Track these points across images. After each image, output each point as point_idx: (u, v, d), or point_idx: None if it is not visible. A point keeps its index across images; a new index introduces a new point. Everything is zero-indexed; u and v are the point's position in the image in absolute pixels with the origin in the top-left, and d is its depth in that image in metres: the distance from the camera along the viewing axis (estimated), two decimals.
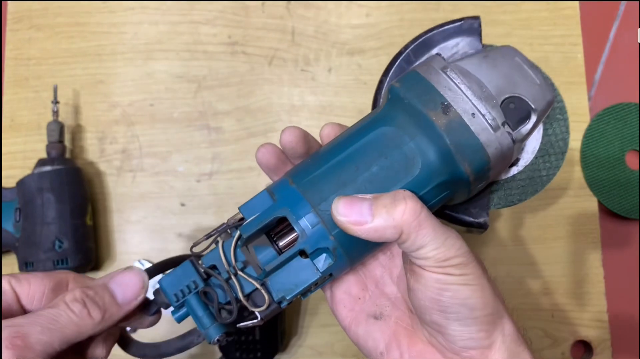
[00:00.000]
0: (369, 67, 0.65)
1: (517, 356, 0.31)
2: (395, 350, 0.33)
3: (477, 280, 0.30)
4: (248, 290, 0.32)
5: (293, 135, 0.34)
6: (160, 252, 0.63)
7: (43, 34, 0.67)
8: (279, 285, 0.32)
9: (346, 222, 0.29)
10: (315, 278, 0.32)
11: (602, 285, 0.61)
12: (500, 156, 0.31)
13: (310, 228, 0.31)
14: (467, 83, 0.32)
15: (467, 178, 0.31)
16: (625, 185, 0.62)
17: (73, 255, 0.57)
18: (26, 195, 0.58)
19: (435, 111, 0.31)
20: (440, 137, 0.31)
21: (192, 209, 0.64)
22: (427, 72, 0.32)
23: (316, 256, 0.31)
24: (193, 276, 0.32)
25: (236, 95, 0.65)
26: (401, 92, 0.32)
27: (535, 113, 0.33)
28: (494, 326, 0.30)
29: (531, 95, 0.33)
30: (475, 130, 0.30)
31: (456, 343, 0.30)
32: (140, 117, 0.65)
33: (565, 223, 0.62)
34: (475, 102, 0.31)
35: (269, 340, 0.57)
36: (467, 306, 0.29)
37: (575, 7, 0.66)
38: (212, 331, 0.32)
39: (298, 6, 0.66)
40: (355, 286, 0.36)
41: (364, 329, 0.35)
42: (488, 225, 0.38)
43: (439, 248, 0.29)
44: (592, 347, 0.60)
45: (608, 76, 0.66)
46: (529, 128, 0.33)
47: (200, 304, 0.32)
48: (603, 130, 0.63)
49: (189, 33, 0.66)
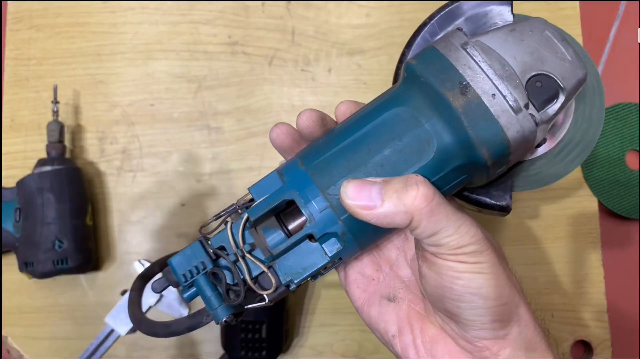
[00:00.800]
0: (369, 67, 0.65)
1: (533, 347, 0.30)
2: (408, 334, 0.32)
3: (491, 268, 0.28)
4: (256, 273, 0.32)
5: (310, 119, 0.33)
6: (160, 252, 0.63)
7: (43, 34, 0.67)
8: (286, 269, 0.31)
9: (355, 206, 0.28)
10: (323, 262, 0.31)
11: (602, 284, 0.61)
12: (521, 140, 0.29)
13: (318, 212, 0.30)
14: (488, 61, 0.29)
15: (485, 163, 0.30)
16: (625, 185, 0.62)
17: (73, 255, 0.57)
18: (26, 195, 0.58)
19: (452, 91, 0.29)
20: (457, 119, 0.29)
21: (192, 209, 0.64)
22: (446, 49, 0.30)
23: (325, 240, 0.31)
24: (202, 257, 0.32)
25: (236, 95, 0.65)
26: (417, 70, 0.30)
27: (563, 92, 0.31)
28: (509, 316, 0.30)
29: (560, 72, 0.31)
30: (495, 112, 0.28)
31: (469, 332, 0.30)
32: (140, 117, 0.65)
33: (565, 223, 0.62)
34: (496, 82, 0.29)
35: (275, 339, 0.56)
36: (480, 295, 0.28)
37: (575, 7, 0.66)
38: (220, 312, 0.31)
39: (298, 6, 0.66)
40: (369, 266, 0.36)
41: (376, 311, 0.34)
42: (510, 208, 0.36)
43: (452, 236, 0.28)
44: (592, 347, 0.60)
45: (608, 76, 0.66)
46: (557, 109, 0.31)
47: (208, 284, 0.32)
48: (603, 130, 0.63)
49: (189, 33, 0.66)
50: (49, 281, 0.62)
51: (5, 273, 0.63)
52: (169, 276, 0.33)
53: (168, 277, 0.33)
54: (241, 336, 0.56)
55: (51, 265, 0.56)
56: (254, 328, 0.55)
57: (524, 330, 0.30)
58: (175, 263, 0.32)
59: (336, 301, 0.62)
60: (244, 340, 0.55)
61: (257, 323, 0.55)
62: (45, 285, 0.62)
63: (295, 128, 0.34)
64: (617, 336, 0.61)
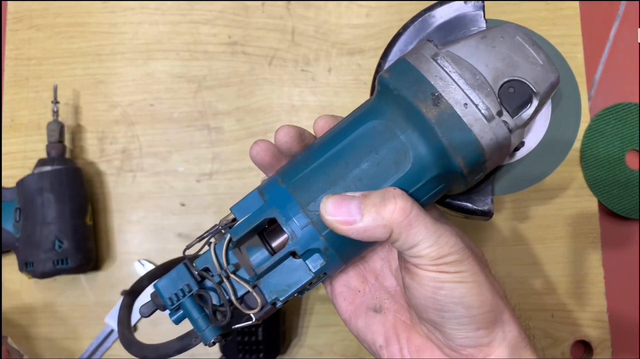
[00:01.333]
0: (369, 67, 0.65)
1: (518, 352, 0.30)
2: (395, 344, 0.33)
3: (473, 276, 0.29)
4: (241, 292, 0.32)
5: (288, 135, 0.33)
6: (160, 252, 0.63)
7: (43, 34, 0.67)
8: (272, 286, 0.31)
9: (335, 222, 0.28)
10: (308, 278, 0.31)
11: (602, 284, 0.61)
12: (496, 147, 0.30)
13: (300, 229, 0.30)
14: (459, 71, 0.30)
15: (461, 172, 0.30)
16: (625, 185, 0.62)
17: (73, 255, 0.57)
18: (26, 195, 0.58)
19: (425, 102, 0.29)
20: (431, 129, 0.29)
21: (192, 209, 0.64)
22: (417, 61, 0.30)
23: (308, 256, 0.31)
24: (187, 280, 0.32)
25: (236, 95, 0.65)
26: (390, 83, 0.31)
27: (537, 97, 0.31)
28: (493, 324, 0.30)
29: (532, 77, 0.31)
30: (468, 122, 0.29)
31: (454, 341, 0.30)
32: (140, 117, 0.65)
33: (565, 223, 0.62)
34: (467, 91, 0.29)
35: (271, 341, 0.56)
36: (463, 304, 0.29)
37: (575, 7, 0.66)
38: (208, 333, 0.32)
39: (298, 6, 0.66)
40: (354, 278, 0.36)
41: (363, 323, 0.34)
42: (492, 213, 0.36)
43: (432, 246, 0.28)
44: (592, 347, 0.60)
45: (608, 76, 0.66)
46: (531, 113, 0.31)
47: (195, 307, 0.32)
48: (603, 130, 0.63)
49: (189, 33, 0.66)
50: (49, 281, 0.62)
51: (5, 273, 0.63)
52: (156, 300, 0.33)
53: (155, 301, 0.33)
54: (238, 338, 0.56)
55: (51, 265, 0.56)
56: (250, 330, 0.55)
57: (509, 336, 0.30)
58: (162, 286, 0.32)
59: None
60: (241, 343, 0.56)
61: (252, 326, 0.55)
62: (45, 284, 0.62)
63: (274, 145, 0.35)
64: (617, 336, 0.61)
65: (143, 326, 0.62)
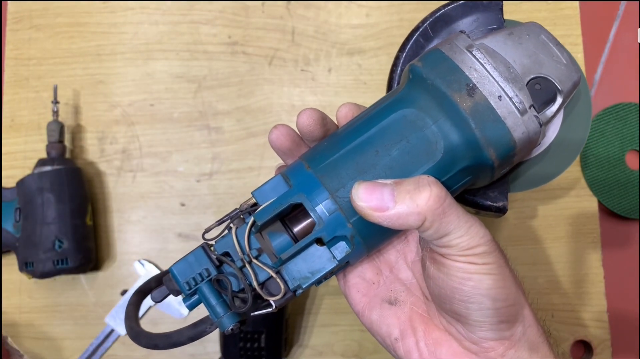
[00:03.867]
0: (369, 67, 0.65)
1: (536, 348, 0.30)
2: (411, 337, 0.32)
3: (499, 269, 0.29)
4: (262, 278, 0.31)
5: (311, 118, 0.33)
6: (160, 252, 0.63)
7: (43, 34, 0.67)
8: (294, 273, 0.31)
9: (367, 208, 0.28)
10: (331, 266, 0.30)
11: (602, 284, 0.61)
12: (527, 140, 0.30)
13: (327, 215, 0.30)
14: (493, 63, 0.30)
15: (491, 164, 0.30)
16: (625, 185, 0.62)
17: (73, 255, 0.57)
18: (26, 195, 0.58)
19: (459, 93, 0.29)
20: (464, 120, 0.29)
21: (192, 209, 0.64)
22: (451, 51, 0.30)
23: (333, 244, 0.30)
24: (205, 264, 0.31)
25: (236, 95, 0.65)
26: (423, 72, 0.30)
27: (561, 95, 0.32)
28: (515, 317, 0.30)
29: (557, 75, 0.31)
30: (502, 114, 0.29)
31: (476, 333, 0.30)
32: (140, 117, 0.65)
33: (565, 223, 0.62)
34: (502, 84, 0.29)
35: (274, 348, 0.56)
36: (489, 296, 0.28)
37: (575, 7, 0.66)
38: (225, 320, 0.30)
39: (298, 6, 0.66)
40: (369, 270, 0.35)
41: (377, 315, 0.33)
42: (507, 209, 0.36)
43: (463, 236, 0.28)
44: (592, 347, 0.60)
45: (608, 76, 0.66)
46: (555, 110, 0.32)
47: (213, 292, 0.31)
48: (603, 130, 0.63)
49: (189, 33, 0.66)
50: (49, 281, 0.62)
51: (5, 273, 0.63)
52: (169, 284, 0.32)
53: (169, 285, 0.32)
54: (240, 344, 0.55)
55: (51, 265, 0.56)
56: (252, 337, 0.55)
57: (528, 331, 0.30)
58: (177, 270, 0.31)
59: (336, 301, 0.62)
60: (243, 349, 0.55)
61: (255, 333, 0.55)
62: (45, 284, 0.62)
63: (294, 130, 0.34)
64: (617, 336, 0.61)
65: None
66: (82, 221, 0.59)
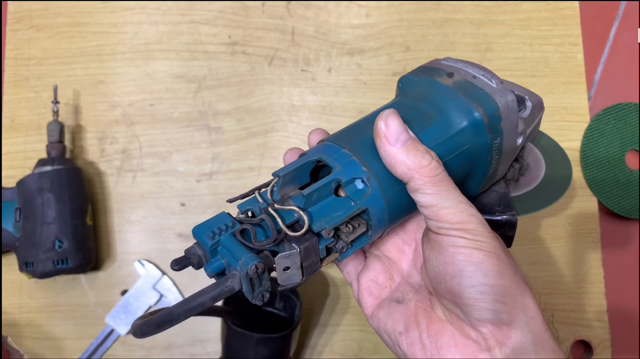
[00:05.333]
0: (369, 67, 0.65)
1: (541, 343, 0.30)
2: (414, 330, 0.33)
3: (492, 248, 0.30)
4: (288, 222, 0.31)
5: (296, 155, 0.36)
6: (160, 252, 0.63)
7: (43, 34, 0.67)
8: (317, 217, 0.31)
9: (382, 132, 0.31)
10: (353, 209, 0.31)
11: (602, 284, 0.61)
12: (506, 106, 0.33)
13: (343, 162, 0.32)
14: (462, 63, 0.36)
15: (481, 121, 0.33)
16: (625, 185, 0.62)
17: (73, 255, 0.57)
18: (26, 195, 0.58)
19: (441, 77, 0.35)
20: (450, 92, 0.34)
21: (192, 209, 0.64)
22: (428, 64, 0.37)
23: (351, 189, 0.32)
24: (227, 220, 0.31)
25: (236, 95, 0.65)
26: (410, 76, 0.36)
27: (528, 101, 0.36)
28: (512, 301, 0.30)
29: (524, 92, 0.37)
30: (479, 85, 0.34)
31: (472, 314, 0.30)
32: (140, 117, 0.65)
33: (565, 223, 0.62)
34: (473, 71, 0.35)
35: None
36: (481, 270, 0.29)
37: (575, 7, 0.66)
38: (248, 259, 0.28)
39: (298, 6, 0.66)
40: (382, 274, 0.37)
41: (385, 312, 0.35)
42: (517, 219, 0.39)
43: (450, 209, 0.30)
44: (592, 347, 0.60)
45: (608, 76, 0.66)
46: (528, 113, 0.36)
47: (235, 242, 0.29)
48: (603, 130, 0.63)
49: (189, 33, 0.66)
50: (49, 281, 0.62)
51: (5, 273, 0.63)
52: (191, 250, 0.30)
53: (190, 251, 0.30)
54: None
55: (51, 265, 0.56)
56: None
57: (531, 322, 0.30)
58: (198, 229, 0.31)
59: (336, 301, 0.62)
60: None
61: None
62: (45, 284, 0.62)
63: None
64: (617, 336, 0.61)
65: None
66: (82, 221, 0.59)
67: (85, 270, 0.60)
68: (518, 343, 0.29)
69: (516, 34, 0.66)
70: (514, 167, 0.40)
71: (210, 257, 0.30)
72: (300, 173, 0.33)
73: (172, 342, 0.62)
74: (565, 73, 0.65)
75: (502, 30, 0.66)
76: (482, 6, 0.66)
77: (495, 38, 0.66)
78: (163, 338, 0.62)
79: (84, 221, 0.60)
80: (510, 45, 0.66)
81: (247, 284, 0.29)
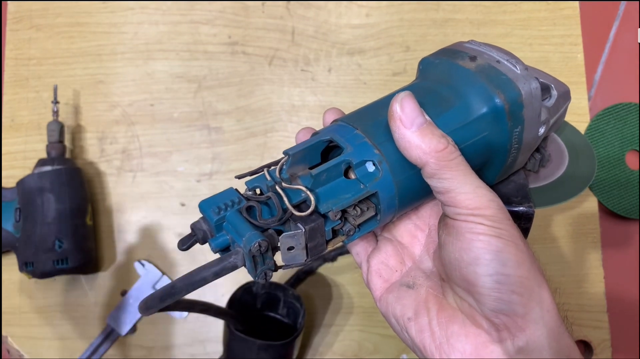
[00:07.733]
0: (369, 67, 0.65)
1: (557, 338, 0.29)
2: (424, 316, 0.32)
3: (511, 237, 0.28)
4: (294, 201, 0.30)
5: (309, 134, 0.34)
6: (160, 252, 0.63)
7: (43, 34, 0.67)
8: (325, 199, 0.30)
9: (396, 114, 0.30)
10: (362, 192, 0.30)
11: (602, 285, 0.61)
12: (529, 94, 0.32)
13: (355, 143, 0.31)
14: (485, 47, 0.35)
15: (502, 108, 0.31)
16: (625, 185, 0.62)
17: (73, 255, 0.57)
18: (26, 195, 0.58)
19: (464, 60, 0.33)
20: (472, 75, 0.32)
21: (192, 209, 0.64)
22: (451, 46, 0.35)
23: (362, 172, 0.31)
24: (234, 196, 0.30)
25: (236, 95, 0.65)
26: (431, 58, 0.35)
27: (554, 89, 0.35)
28: (529, 293, 0.28)
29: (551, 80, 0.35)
30: (503, 70, 0.32)
31: (486, 304, 0.28)
32: (140, 117, 0.65)
33: (565, 223, 0.62)
34: (497, 56, 0.33)
35: None
36: (498, 259, 0.28)
37: (575, 7, 0.66)
38: (252, 236, 0.28)
39: (298, 6, 0.66)
40: (393, 258, 0.36)
41: (394, 296, 0.33)
42: (534, 211, 0.38)
43: (468, 194, 0.29)
44: (592, 347, 0.60)
45: (608, 76, 0.66)
46: (552, 104, 0.34)
47: (240, 218, 0.29)
48: (603, 130, 0.63)
49: (189, 33, 0.66)
50: (49, 281, 0.62)
51: (5, 273, 0.63)
52: (197, 225, 0.30)
53: (196, 226, 0.30)
54: None
55: (51, 265, 0.56)
56: None
57: (546, 316, 0.29)
58: (205, 203, 0.30)
59: (336, 301, 0.62)
60: None
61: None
62: (45, 285, 0.62)
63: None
64: (617, 336, 0.61)
65: (142, 326, 0.62)
66: (82, 221, 0.59)
67: (85, 270, 0.60)
68: (532, 336, 0.28)
69: (516, 34, 0.66)
70: (534, 157, 0.38)
71: (215, 232, 0.30)
72: (311, 153, 0.32)
73: (172, 342, 0.62)
74: (565, 73, 0.65)
75: (502, 30, 0.66)
76: (482, 6, 0.66)
77: (495, 38, 0.66)
78: (163, 338, 0.62)
79: (84, 221, 0.60)
80: (510, 45, 0.66)
81: (250, 261, 0.28)
